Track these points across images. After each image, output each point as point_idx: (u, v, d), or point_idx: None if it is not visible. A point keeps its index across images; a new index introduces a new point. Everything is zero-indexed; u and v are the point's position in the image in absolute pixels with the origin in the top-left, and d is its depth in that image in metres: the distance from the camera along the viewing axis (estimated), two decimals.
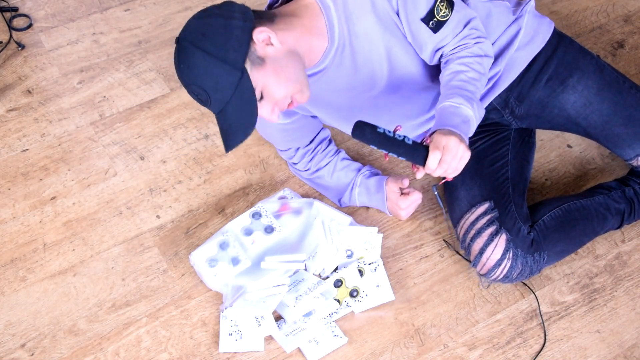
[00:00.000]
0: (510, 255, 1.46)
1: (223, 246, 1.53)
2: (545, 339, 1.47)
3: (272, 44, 1.28)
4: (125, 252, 1.61)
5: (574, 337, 1.48)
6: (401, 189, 1.61)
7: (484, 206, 1.50)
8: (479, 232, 1.48)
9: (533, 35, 1.52)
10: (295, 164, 1.70)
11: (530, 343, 1.47)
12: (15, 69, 1.99)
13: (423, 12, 1.35)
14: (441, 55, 1.41)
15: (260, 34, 1.27)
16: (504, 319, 1.50)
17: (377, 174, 1.67)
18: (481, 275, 1.51)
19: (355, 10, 1.35)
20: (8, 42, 2.04)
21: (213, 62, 1.24)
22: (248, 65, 1.27)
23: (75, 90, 1.94)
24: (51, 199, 1.71)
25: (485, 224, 1.48)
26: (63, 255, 1.61)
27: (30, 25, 2.10)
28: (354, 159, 1.75)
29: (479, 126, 1.59)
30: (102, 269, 1.59)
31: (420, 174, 1.28)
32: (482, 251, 1.47)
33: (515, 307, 1.52)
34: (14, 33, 2.07)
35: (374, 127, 1.23)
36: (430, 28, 1.36)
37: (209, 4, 2.13)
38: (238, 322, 1.46)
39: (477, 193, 1.52)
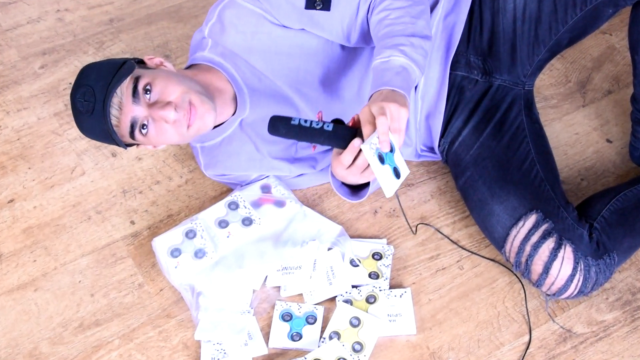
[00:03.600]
0: (582, 266, 1.45)
1: (189, 235, 1.54)
2: (530, 338, 1.47)
3: None
4: (94, 264, 1.60)
5: None
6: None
7: (532, 218, 1.47)
8: (535, 249, 1.46)
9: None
10: None
11: None
12: None
13: (301, 1, 1.45)
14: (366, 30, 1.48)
15: None
16: (534, 341, 1.49)
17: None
18: (548, 295, 1.50)
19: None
20: None
21: None
22: None
23: (36, 76, 1.93)
24: (8, 202, 1.70)
25: (540, 237, 1.46)
26: (22, 267, 1.60)
27: None
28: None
29: (479, 121, 1.59)
30: (67, 283, 1.58)
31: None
32: (546, 270, 1.46)
33: (546, 327, 1.50)
34: None
35: (287, 120, 1.30)
36: (322, 10, 1.44)
37: None
38: (222, 342, 1.46)
39: (516, 204, 1.50)
